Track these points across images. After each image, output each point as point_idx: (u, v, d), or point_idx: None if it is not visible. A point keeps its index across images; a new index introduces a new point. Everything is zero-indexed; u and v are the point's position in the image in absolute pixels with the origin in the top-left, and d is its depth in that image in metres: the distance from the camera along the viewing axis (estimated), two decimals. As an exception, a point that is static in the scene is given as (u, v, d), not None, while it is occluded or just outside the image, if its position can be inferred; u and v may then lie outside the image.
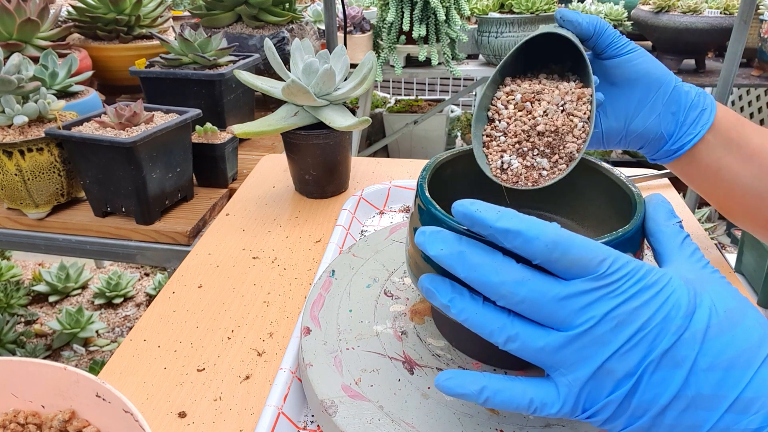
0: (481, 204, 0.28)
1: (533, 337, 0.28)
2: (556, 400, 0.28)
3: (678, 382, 0.26)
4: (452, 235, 0.29)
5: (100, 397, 0.35)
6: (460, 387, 0.29)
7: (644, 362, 0.26)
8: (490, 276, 0.28)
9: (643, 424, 0.27)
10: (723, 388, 0.26)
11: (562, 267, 0.27)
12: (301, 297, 0.55)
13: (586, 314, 0.27)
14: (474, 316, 0.29)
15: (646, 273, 0.27)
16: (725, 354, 0.26)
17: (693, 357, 0.26)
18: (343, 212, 0.66)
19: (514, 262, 0.28)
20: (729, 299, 0.28)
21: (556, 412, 0.28)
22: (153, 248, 0.82)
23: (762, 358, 0.26)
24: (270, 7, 1.22)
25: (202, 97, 0.97)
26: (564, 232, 0.27)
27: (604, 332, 0.27)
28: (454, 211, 0.29)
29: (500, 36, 1.79)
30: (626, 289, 0.27)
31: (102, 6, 1.22)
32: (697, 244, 0.32)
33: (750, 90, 2.40)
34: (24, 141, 0.77)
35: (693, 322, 0.27)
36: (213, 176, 0.90)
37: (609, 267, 0.27)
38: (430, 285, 0.31)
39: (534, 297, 0.27)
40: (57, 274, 1.82)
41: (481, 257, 0.28)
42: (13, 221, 0.86)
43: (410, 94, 3.14)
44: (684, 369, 0.26)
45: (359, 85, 0.72)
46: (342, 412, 0.37)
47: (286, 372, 0.42)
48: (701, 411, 0.26)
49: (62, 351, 1.60)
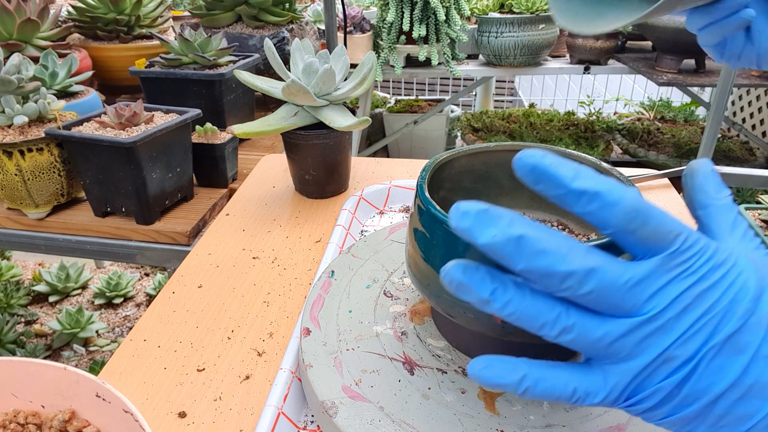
0: (553, 157, 0.24)
1: (592, 327, 0.25)
2: (602, 388, 0.25)
3: (738, 369, 0.24)
4: (502, 214, 0.24)
5: (100, 397, 0.35)
6: (499, 377, 0.26)
7: (704, 347, 0.24)
8: (557, 265, 0.24)
9: (690, 413, 0.25)
10: None
11: (636, 240, 0.24)
12: (301, 297, 0.55)
13: (656, 299, 0.24)
14: (523, 310, 0.25)
15: (715, 252, 0.25)
16: None
17: (757, 343, 0.24)
18: (343, 212, 0.66)
19: (578, 243, 0.24)
20: None
21: (599, 401, 0.26)
22: (153, 248, 0.82)
23: None
24: (270, 7, 1.22)
25: (202, 97, 0.97)
26: (644, 200, 0.24)
27: (671, 317, 0.24)
28: (519, 161, 0.24)
29: (500, 36, 1.79)
30: (697, 268, 0.24)
31: (102, 6, 1.22)
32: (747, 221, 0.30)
33: (750, 90, 2.40)
34: (24, 141, 0.77)
35: (761, 306, 0.24)
36: (213, 176, 0.90)
37: (683, 243, 0.24)
38: (464, 278, 0.25)
39: (604, 286, 0.24)
40: (57, 274, 1.82)
41: (546, 242, 0.24)
42: (13, 221, 0.86)
43: (410, 94, 3.15)
44: (746, 356, 0.24)
45: (359, 85, 0.72)
46: (342, 413, 0.37)
47: (286, 372, 0.42)
48: (756, 400, 0.24)
49: (62, 351, 1.60)
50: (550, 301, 0.25)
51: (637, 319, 0.24)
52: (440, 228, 0.36)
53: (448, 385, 0.40)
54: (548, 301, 0.25)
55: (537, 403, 0.38)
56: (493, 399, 0.39)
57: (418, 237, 0.38)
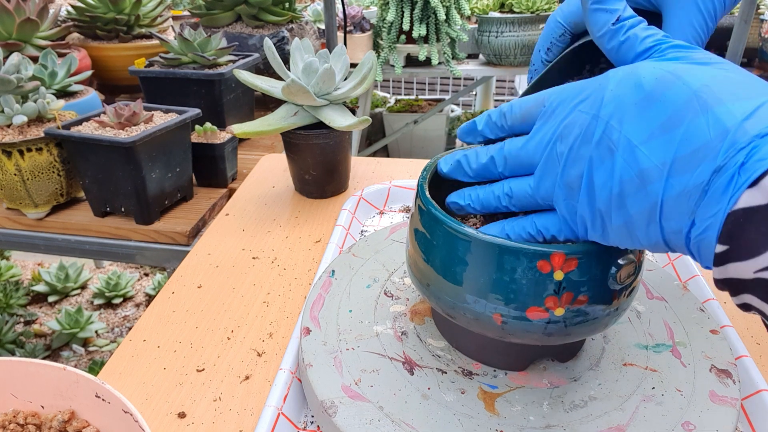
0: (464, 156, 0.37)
1: (521, 184, 0.34)
2: (557, 218, 0.33)
3: (620, 165, 0.28)
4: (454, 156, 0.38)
5: (100, 397, 0.35)
6: None
7: (589, 159, 0.29)
8: (480, 159, 0.36)
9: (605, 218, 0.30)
10: (662, 154, 0.26)
11: (517, 124, 0.34)
12: (300, 297, 0.55)
13: (542, 145, 0.32)
14: (482, 199, 0.36)
15: (574, 94, 0.31)
16: (654, 123, 0.27)
17: (626, 139, 0.27)
18: (343, 212, 0.66)
19: (490, 146, 0.36)
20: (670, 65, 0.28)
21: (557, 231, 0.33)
22: (152, 248, 0.82)
23: (695, 110, 0.26)
24: (270, 7, 1.22)
25: (202, 97, 0.97)
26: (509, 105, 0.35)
27: (556, 150, 0.31)
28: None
29: (500, 35, 1.79)
30: (563, 112, 0.31)
31: (101, 5, 1.22)
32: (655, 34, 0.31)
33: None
34: (23, 141, 0.77)
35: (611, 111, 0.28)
36: (212, 176, 0.90)
37: (548, 105, 0.32)
38: (454, 197, 0.38)
39: (510, 154, 0.34)
40: (56, 274, 1.82)
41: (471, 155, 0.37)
42: (12, 221, 0.86)
43: (410, 94, 3.15)
44: (621, 153, 0.28)
45: (359, 85, 0.71)
46: (342, 413, 0.37)
47: (285, 372, 0.42)
48: (652, 184, 0.27)
49: (61, 351, 1.60)
50: (495, 189, 0.35)
51: (540, 163, 0.32)
52: (440, 228, 0.36)
53: (448, 386, 0.39)
54: (494, 190, 0.35)
55: (537, 404, 0.38)
56: (492, 399, 0.39)
57: (419, 237, 0.38)
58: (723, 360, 0.42)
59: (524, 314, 0.34)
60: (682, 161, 0.26)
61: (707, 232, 0.25)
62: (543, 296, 0.33)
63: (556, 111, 0.32)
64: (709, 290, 0.52)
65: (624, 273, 0.34)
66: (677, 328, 0.45)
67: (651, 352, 0.43)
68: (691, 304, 0.48)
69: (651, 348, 0.43)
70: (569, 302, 0.33)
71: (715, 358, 0.42)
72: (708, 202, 0.25)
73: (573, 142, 0.30)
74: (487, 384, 0.40)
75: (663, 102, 0.27)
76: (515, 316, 0.34)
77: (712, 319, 0.46)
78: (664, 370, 0.41)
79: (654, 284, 0.50)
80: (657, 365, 0.41)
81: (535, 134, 0.33)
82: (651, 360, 0.42)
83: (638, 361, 0.42)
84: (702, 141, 0.25)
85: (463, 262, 0.35)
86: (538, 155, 0.32)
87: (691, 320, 0.46)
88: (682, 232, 0.26)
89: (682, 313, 0.47)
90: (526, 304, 0.34)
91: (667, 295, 0.49)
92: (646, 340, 0.44)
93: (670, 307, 0.47)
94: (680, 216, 0.26)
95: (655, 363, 0.42)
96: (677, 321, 0.46)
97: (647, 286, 0.49)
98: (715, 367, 0.41)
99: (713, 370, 0.41)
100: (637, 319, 0.46)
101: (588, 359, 0.42)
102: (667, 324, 0.45)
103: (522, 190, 0.34)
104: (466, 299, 0.35)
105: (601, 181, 0.29)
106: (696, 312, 0.47)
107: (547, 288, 0.33)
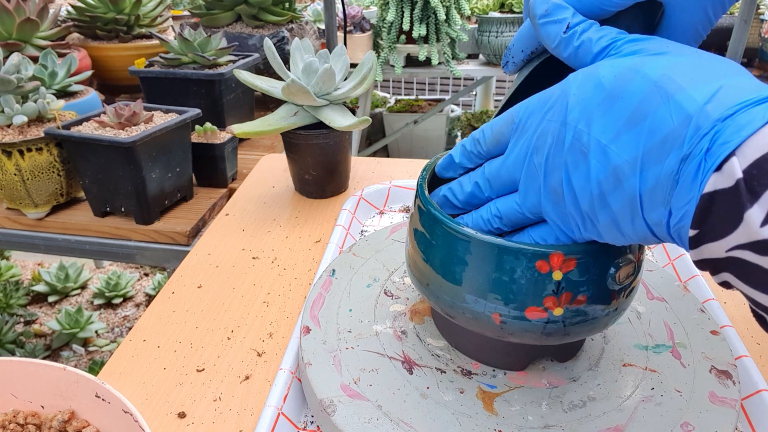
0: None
1: (507, 202, 0.34)
2: (549, 228, 0.33)
3: (595, 167, 0.28)
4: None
5: (100, 397, 0.35)
6: None
7: (565, 165, 0.29)
8: (465, 187, 0.37)
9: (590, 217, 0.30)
10: (632, 149, 0.26)
11: (492, 147, 0.35)
12: (300, 297, 0.55)
13: (520, 160, 0.33)
14: (473, 224, 0.37)
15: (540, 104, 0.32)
16: (620, 120, 0.27)
17: (596, 140, 0.28)
18: (343, 212, 0.66)
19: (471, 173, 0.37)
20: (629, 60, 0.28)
21: (555, 238, 0.33)
22: (152, 248, 0.82)
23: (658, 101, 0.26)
24: (270, 7, 1.22)
25: (202, 97, 0.97)
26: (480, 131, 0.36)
27: (534, 162, 0.31)
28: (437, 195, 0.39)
29: (500, 36, 1.79)
30: (533, 124, 0.32)
31: (101, 5, 1.22)
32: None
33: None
34: (23, 141, 0.77)
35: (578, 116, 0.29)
36: (212, 176, 0.90)
37: (518, 120, 0.33)
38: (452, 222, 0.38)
39: (492, 173, 0.35)
40: (56, 274, 1.82)
41: (456, 187, 0.38)
42: (12, 221, 0.86)
43: (410, 94, 3.15)
44: (593, 154, 0.28)
45: (359, 85, 0.71)
46: (341, 412, 0.37)
47: (285, 372, 0.42)
48: (627, 180, 0.27)
49: (61, 351, 1.60)
50: (483, 214, 0.36)
51: (521, 180, 0.33)
52: (440, 228, 0.36)
53: (447, 385, 0.39)
54: (482, 214, 0.36)
55: (536, 404, 0.38)
56: (491, 399, 0.39)
57: (418, 237, 0.38)
58: (723, 361, 0.42)
59: (523, 314, 0.34)
60: (651, 153, 0.26)
61: (684, 220, 0.25)
62: (542, 296, 0.33)
63: (526, 125, 0.32)
64: (709, 290, 0.52)
65: (623, 273, 0.34)
66: (677, 328, 0.45)
67: (651, 352, 0.43)
68: (692, 305, 0.48)
69: (651, 348, 0.43)
70: (568, 302, 0.33)
71: (715, 359, 0.42)
72: (680, 191, 0.25)
73: (548, 151, 0.30)
74: (486, 384, 0.40)
75: (625, 97, 0.27)
76: (514, 316, 0.34)
77: (712, 320, 0.46)
78: (664, 370, 0.41)
79: (654, 285, 0.50)
80: (657, 366, 0.41)
81: (512, 151, 0.33)
82: (651, 360, 0.42)
83: (638, 361, 0.42)
84: (667, 130, 0.25)
85: (463, 262, 0.35)
86: (518, 171, 0.33)
87: (692, 321, 0.46)
88: (662, 222, 0.27)
89: (683, 313, 0.47)
90: (525, 303, 0.34)
91: (668, 295, 0.49)
92: (646, 340, 0.44)
93: (671, 308, 0.47)
94: (658, 207, 0.26)
95: (654, 364, 0.42)
96: (677, 322, 0.46)
97: (647, 287, 0.49)
98: (715, 367, 0.41)
99: (713, 371, 0.41)
100: (637, 319, 0.46)
101: (587, 359, 0.42)
102: (667, 324, 0.45)
103: (510, 208, 0.34)
104: (465, 299, 0.35)
105: (581, 185, 0.29)
106: (696, 313, 0.47)
107: (545, 288, 0.33)
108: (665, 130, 0.25)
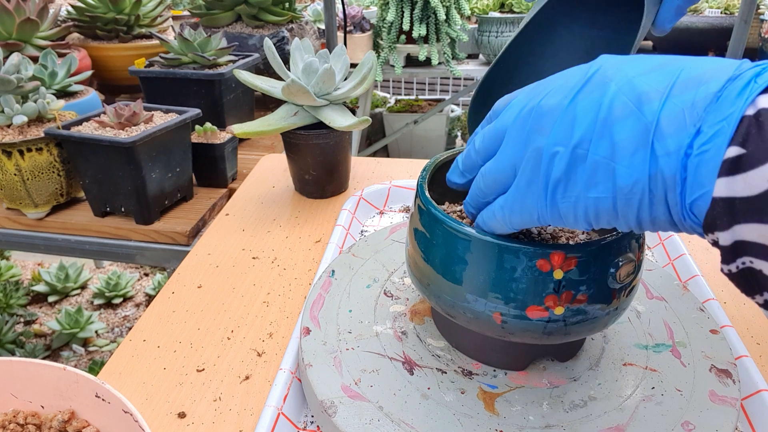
0: None
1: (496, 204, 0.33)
2: None
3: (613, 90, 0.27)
4: None
5: (100, 397, 0.35)
6: None
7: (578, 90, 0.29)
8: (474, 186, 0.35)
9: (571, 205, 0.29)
10: (663, 80, 0.26)
11: (485, 153, 0.33)
12: (300, 297, 0.55)
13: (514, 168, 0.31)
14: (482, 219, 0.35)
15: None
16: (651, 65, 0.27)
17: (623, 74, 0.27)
18: (343, 212, 0.66)
19: None
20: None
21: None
22: (152, 248, 0.82)
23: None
24: (270, 7, 1.22)
25: (202, 97, 0.97)
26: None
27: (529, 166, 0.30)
28: None
29: (500, 35, 1.79)
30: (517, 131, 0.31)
31: (101, 5, 1.22)
32: None
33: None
34: (23, 141, 0.77)
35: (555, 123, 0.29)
36: (212, 176, 0.90)
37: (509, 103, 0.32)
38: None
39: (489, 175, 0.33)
40: (56, 274, 1.82)
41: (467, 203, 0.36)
42: (12, 221, 0.86)
43: (410, 94, 3.14)
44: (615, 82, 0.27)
45: (359, 85, 0.71)
46: (342, 413, 0.37)
47: (285, 372, 0.42)
48: (649, 104, 0.26)
49: (61, 351, 1.60)
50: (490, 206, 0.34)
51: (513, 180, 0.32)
52: (440, 228, 0.36)
53: (448, 385, 0.39)
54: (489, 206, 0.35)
55: (536, 404, 0.38)
56: (492, 399, 0.39)
57: (418, 237, 0.38)
58: (723, 360, 0.42)
59: (524, 313, 0.34)
60: (685, 83, 0.26)
61: (716, 138, 0.24)
62: (542, 295, 0.33)
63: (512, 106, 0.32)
64: (709, 290, 0.52)
65: (623, 272, 0.34)
66: (677, 328, 0.45)
67: (651, 351, 0.43)
68: (691, 304, 0.48)
69: (651, 348, 0.43)
70: (569, 301, 0.33)
71: (715, 358, 0.42)
72: (719, 107, 0.24)
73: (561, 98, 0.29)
74: (486, 384, 0.40)
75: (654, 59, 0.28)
76: (515, 315, 0.34)
77: (711, 319, 0.46)
78: (664, 370, 0.41)
79: (654, 284, 0.50)
80: (657, 365, 0.41)
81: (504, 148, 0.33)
82: (651, 360, 0.42)
83: (638, 360, 0.42)
84: (706, 69, 0.26)
85: (463, 262, 0.35)
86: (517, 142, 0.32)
87: (691, 320, 0.46)
88: (680, 150, 0.25)
89: (682, 313, 0.47)
90: (526, 303, 0.34)
91: (667, 295, 0.49)
92: (646, 340, 0.44)
93: (670, 307, 0.47)
94: (681, 130, 0.25)
95: (654, 363, 0.42)
96: (677, 321, 0.46)
97: (647, 286, 0.49)
98: (714, 366, 0.41)
99: (713, 369, 0.41)
100: (637, 319, 0.46)
101: (588, 359, 0.42)
102: (667, 324, 0.45)
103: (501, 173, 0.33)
104: (465, 298, 0.35)
105: (585, 107, 0.28)
106: (696, 312, 0.47)
107: (546, 287, 0.33)
108: (703, 69, 0.26)
